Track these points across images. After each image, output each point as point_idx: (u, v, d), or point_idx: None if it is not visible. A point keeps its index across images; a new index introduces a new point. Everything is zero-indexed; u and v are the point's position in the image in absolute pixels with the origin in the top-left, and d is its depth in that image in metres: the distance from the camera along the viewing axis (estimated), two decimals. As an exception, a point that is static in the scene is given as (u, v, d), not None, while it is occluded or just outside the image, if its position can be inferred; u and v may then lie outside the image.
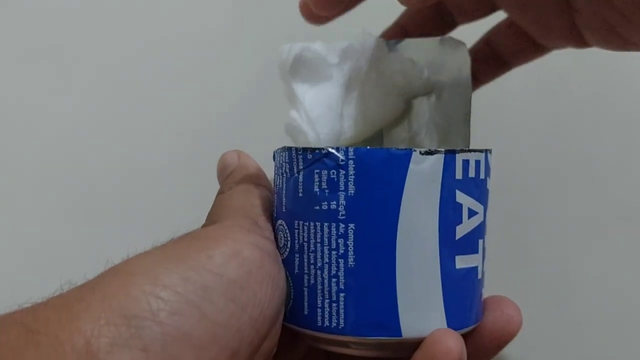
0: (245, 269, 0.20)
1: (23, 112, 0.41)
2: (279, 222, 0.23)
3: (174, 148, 0.42)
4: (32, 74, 0.41)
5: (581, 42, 0.28)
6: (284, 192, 0.22)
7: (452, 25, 0.32)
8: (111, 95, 0.42)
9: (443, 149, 0.21)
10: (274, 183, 0.23)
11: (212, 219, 0.23)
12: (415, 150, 0.21)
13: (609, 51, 0.27)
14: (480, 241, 0.23)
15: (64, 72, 0.41)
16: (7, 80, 0.41)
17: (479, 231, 0.22)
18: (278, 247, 0.22)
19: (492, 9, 0.30)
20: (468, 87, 0.27)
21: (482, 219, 0.23)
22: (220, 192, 0.25)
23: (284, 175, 0.22)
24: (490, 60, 0.31)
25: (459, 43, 0.28)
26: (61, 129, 0.41)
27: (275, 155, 0.23)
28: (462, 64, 0.27)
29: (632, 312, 0.42)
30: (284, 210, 0.22)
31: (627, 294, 0.42)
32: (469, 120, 0.27)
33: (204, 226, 0.23)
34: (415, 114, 0.28)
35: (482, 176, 0.22)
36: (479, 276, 0.23)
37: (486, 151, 0.23)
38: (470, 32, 0.31)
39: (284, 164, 0.22)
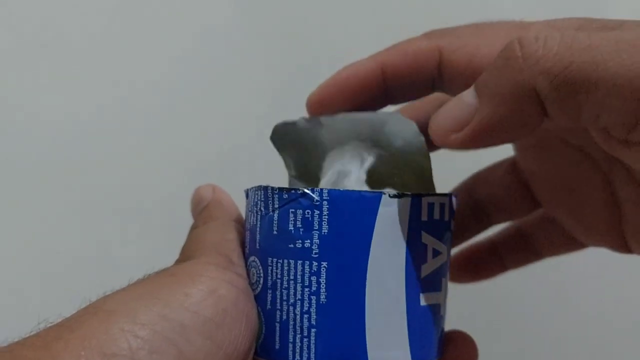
0: (221, 307, 0.20)
1: (23, 111, 0.41)
2: (252, 258, 0.23)
3: (175, 148, 0.42)
4: (32, 73, 0.41)
5: (625, 249, 0.26)
6: (257, 229, 0.23)
7: (487, 225, 0.30)
8: (112, 95, 0.42)
9: (410, 193, 0.22)
10: (247, 220, 0.24)
11: (187, 254, 0.23)
12: (385, 193, 0.22)
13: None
14: (443, 279, 0.24)
15: (64, 72, 0.41)
16: (7, 80, 0.40)
17: (442, 270, 0.24)
18: (250, 283, 0.23)
19: (533, 207, 0.29)
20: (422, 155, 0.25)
21: (445, 258, 0.24)
22: (194, 227, 0.25)
23: (259, 213, 0.23)
24: (520, 249, 0.29)
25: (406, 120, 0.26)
26: (61, 129, 0.41)
27: (249, 193, 0.24)
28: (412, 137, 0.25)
29: (631, 312, 0.44)
30: (258, 247, 0.23)
31: (626, 294, 0.44)
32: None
33: (178, 261, 0.23)
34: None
35: (446, 218, 0.24)
36: (441, 313, 0.24)
37: (450, 195, 0.24)
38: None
39: (259, 202, 0.23)
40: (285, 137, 0.26)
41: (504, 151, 0.29)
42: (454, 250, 0.30)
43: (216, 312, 0.20)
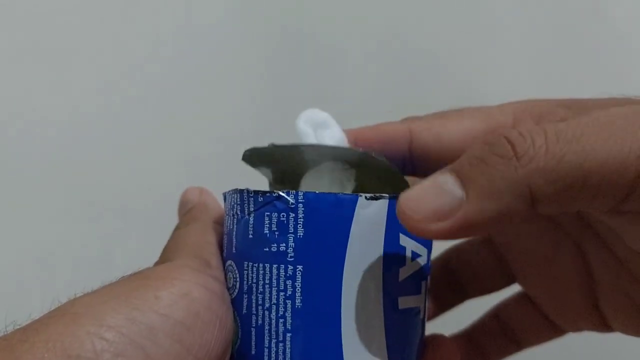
0: (193, 310, 0.20)
1: (23, 111, 0.41)
2: (229, 262, 0.23)
3: (176, 147, 0.42)
4: (32, 73, 0.41)
5: (602, 324, 0.26)
6: (234, 233, 0.23)
7: (463, 297, 0.30)
8: (117, 95, 0.42)
9: (387, 195, 0.22)
10: (225, 224, 0.24)
11: (166, 255, 0.23)
12: (361, 195, 0.22)
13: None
14: (423, 282, 0.24)
15: (65, 72, 0.41)
16: (7, 80, 0.41)
17: (422, 273, 0.23)
18: (227, 288, 0.23)
19: (508, 282, 0.29)
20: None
21: (425, 261, 0.24)
22: (177, 228, 0.25)
23: (235, 216, 0.23)
24: (499, 338, 0.29)
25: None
26: (61, 129, 0.41)
27: (227, 196, 0.24)
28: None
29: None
30: (234, 251, 0.23)
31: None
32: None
33: (156, 263, 0.23)
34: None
35: (425, 220, 0.24)
36: (421, 316, 0.24)
37: None
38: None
39: (235, 205, 0.23)
40: (257, 159, 0.26)
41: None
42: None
43: (187, 315, 0.20)
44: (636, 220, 0.20)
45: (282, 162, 0.26)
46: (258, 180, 0.28)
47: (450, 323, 0.30)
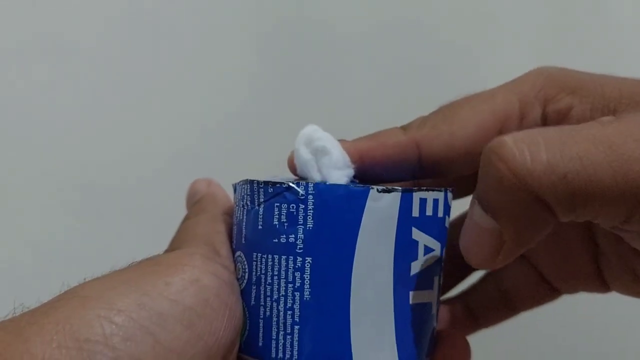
0: (203, 297, 0.20)
1: (23, 109, 0.41)
2: (238, 253, 0.23)
3: (176, 145, 0.42)
4: (32, 70, 0.41)
5: (603, 286, 0.26)
6: (244, 224, 0.23)
7: (467, 271, 0.29)
8: (113, 92, 0.42)
9: (400, 188, 0.22)
10: (234, 215, 0.24)
11: (175, 245, 0.23)
12: (372, 188, 0.21)
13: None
14: (436, 278, 0.23)
15: (65, 69, 0.42)
16: (6, 78, 0.41)
17: (434, 268, 0.23)
18: (237, 278, 0.23)
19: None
20: None
21: (438, 255, 0.23)
22: (186, 218, 0.25)
23: (245, 207, 0.23)
24: (494, 301, 0.29)
25: None
26: (61, 127, 0.41)
27: (237, 187, 0.24)
28: None
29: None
30: (243, 242, 0.23)
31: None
32: None
33: (166, 252, 0.23)
34: None
35: (440, 214, 0.23)
36: (433, 312, 0.23)
37: (446, 190, 0.23)
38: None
39: (245, 196, 0.23)
40: None
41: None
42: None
43: (197, 302, 0.20)
44: (638, 237, 0.20)
45: None
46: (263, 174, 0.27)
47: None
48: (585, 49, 0.31)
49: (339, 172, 0.24)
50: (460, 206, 0.25)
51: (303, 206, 0.21)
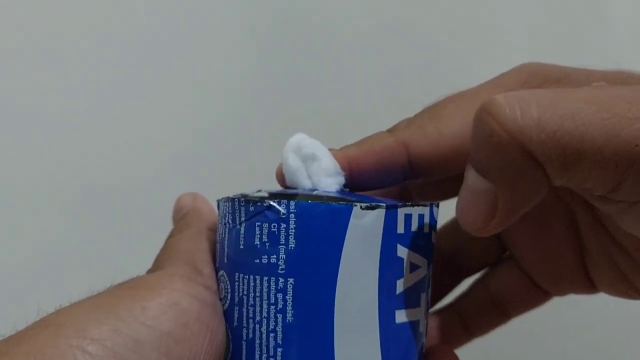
0: (181, 321, 0.19)
1: (24, 110, 0.41)
2: (221, 272, 0.22)
3: (175, 146, 0.42)
4: (32, 71, 0.41)
5: (590, 287, 0.26)
6: (226, 242, 0.22)
7: (459, 278, 0.29)
8: (112, 93, 0.42)
9: (384, 204, 0.21)
10: (217, 232, 0.23)
11: (158, 263, 0.23)
12: (356, 205, 0.21)
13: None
14: (423, 295, 0.23)
15: (64, 70, 0.41)
16: (7, 78, 0.41)
17: (421, 285, 0.23)
18: (220, 298, 0.22)
19: (500, 253, 0.29)
20: None
21: (425, 272, 0.23)
22: (170, 235, 0.25)
23: (227, 225, 0.22)
24: (486, 308, 0.28)
25: None
26: (61, 128, 0.41)
27: (220, 204, 0.23)
28: None
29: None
30: (226, 261, 0.22)
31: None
32: None
33: (149, 271, 0.23)
34: None
35: (425, 230, 0.23)
36: (420, 329, 0.23)
37: (431, 205, 0.23)
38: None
39: (227, 214, 0.22)
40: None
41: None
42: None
43: (175, 327, 0.19)
44: (627, 210, 0.20)
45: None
46: (259, 183, 0.27)
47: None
48: (583, 51, 0.31)
49: (330, 179, 0.24)
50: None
51: (285, 225, 0.21)
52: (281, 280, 0.21)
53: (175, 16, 0.43)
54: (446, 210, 0.26)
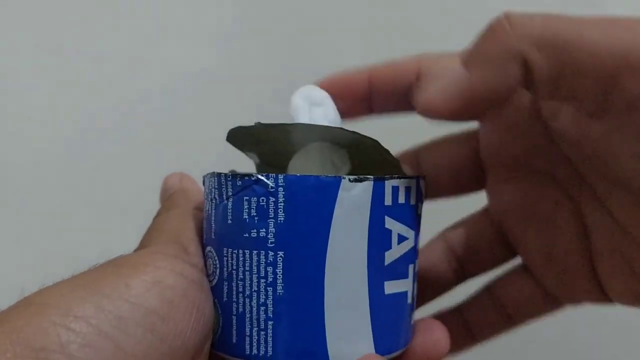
0: (167, 298, 0.19)
1: (26, 110, 0.40)
2: (208, 248, 0.22)
3: (180, 146, 0.42)
4: (36, 70, 0.40)
5: (600, 291, 0.26)
6: (212, 218, 0.22)
7: (462, 277, 0.29)
8: (117, 93, 0.41)
9: (372, 176, 0.21)
10: (204, 209, 0.23)
11: (145, 243, 0.23)
12: (344, 178, 0.21)
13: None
14: (411, 266, 0.23)
15: (68, 70, 0.41)
16: (7, 79, 0.40)
17: (409, 256, 0.23)
18: (207, 274, 0.22)
19: (507, 256, 0.28)
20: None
21: (412, 244, 0.23)
22: (156, 215, 0.24)
23: (213, 201, 0.22)
24: (492, 314, 0.28)
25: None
26: (63, 128, 0.41)
27: (205, 180, 0.23)
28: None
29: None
30: (213, 237, 0.22)
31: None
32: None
33: (135, 250, 0.22)
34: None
35: (412, 202, 0.23)
36: (409, 301, 0.23)
37: (418, 177, 0.23)
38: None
39: (213, 189, 0.22)
40: (243, 139, 0.25)
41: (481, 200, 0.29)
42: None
43: (160, 304, 0.19)
44: (621, 127, 0.21)
45: (269, 142, 0.25)
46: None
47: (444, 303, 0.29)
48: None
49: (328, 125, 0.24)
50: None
51: (273, 199, 0.21)
52: (271, 253, 0.21)
53: (181, 20, 0.42)
54: (458, 210, 0.27)
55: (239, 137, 0.25)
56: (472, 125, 0.27)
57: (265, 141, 0.25)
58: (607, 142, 0.22)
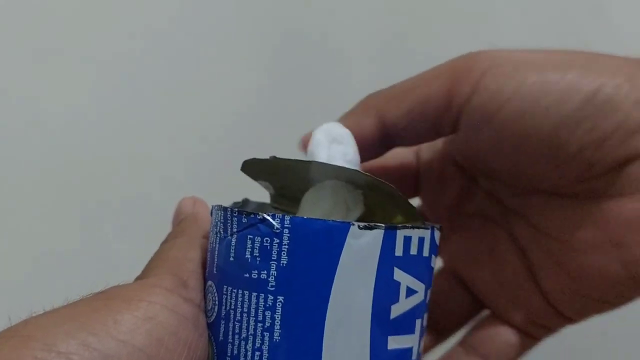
0: (156, 336, 0.19)
1: (28, 111, 0.40)
2: (209, 283, 0.21)
3: (181, 148, 0.42)
4: (36, 72, 0.40)
5: (553, 311, 0.26)
6: (216, 252, 0.21)
7: (440, 337, 0.29)
8: (117, 95, 0.41)
9: (384, 224, 0.20)
10: (209, 241, 0.22)
11: (146, 271, 0.22)
12: (353, 224, 0.20)
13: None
14: (418, 321, 0.22)
15: (69, 71, 0.41)
16: (11, 78, 0.40)
17: (417, 311, 0.22)
18: (206, 309, 0.21)
19: (476, 308, 0.29)
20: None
21: (422, 298, 0.22)
22: (164, 241, 0.24)
23: (218, 235, 0.21)
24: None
25: None
26: (65, 129, 0.41)
27: (212, 211, 0.22)
28: None
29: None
30: (215, 272, 0.21)
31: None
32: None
33: (137, 278, 0.22)
34: None
35: (425, 254, 0.22)
36: (413, 357, 0.22)
37: (432, 227, 0.22)
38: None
39: (219, 222, 0.21)
40: (257, 170, 0.24)
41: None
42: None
43: (149, 342, 0.18)
44: (468, 138, 0.23)
45: (283, 176, 0.24)
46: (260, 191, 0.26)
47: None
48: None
49: (347, 164, 0.24)
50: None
51: (277, 240, 0.20)
52: (270, 297, 0.20)
53: (182, 20, 0.42)
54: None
55: (253, 168, 0.24)
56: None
57: (280, 174, 0.24)
58: (487, 160, 0.24)
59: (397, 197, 0.22)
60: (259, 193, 0.26)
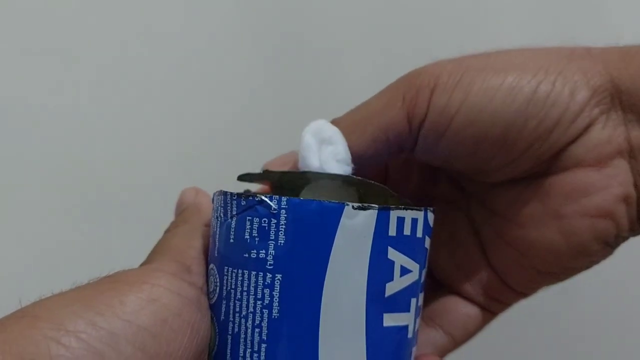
0: (160, 317, 0.19)
1: (27, 110, 0.41)
2: (211, 265, 0.22)
3: (180, 147, 0.42)
4: (36, 72, 0.41)
5: (505, 286, 0.27)
6: (217, 236, 0.22)
7: None
8: (117, 94, 0.42)
9: (377, 205, 0.21)
10: (211, 226, 0.23)
11: (150, 258, 0.23)
12: (347, 205, 0.21)
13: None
14: (414, 300, 0.22)
15: (69, 71, 0.42)
16: (11, 78, 0.41)
17: (412, 289, 0.22)
18: (208, 292, 0.22)
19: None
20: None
21: (416, 277, 0.22)
22: (167, 230, 0.25)
23: (219, 219, 0.22)
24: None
25: None
26: (65, 128, 0.41)
27: (214, 198, 0.23)
28: None
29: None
30: (216, 255, 0.22)
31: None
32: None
33: (141, 265, 0.23)
34: None
35: (418, 234, 0.22)
36: (409, 335, 0.22)
37: (425, 209, 0.23)
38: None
39: (219, 207, 0.22)
40: (252, 180, 0.26)
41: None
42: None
43: (153, 322, 0.19)
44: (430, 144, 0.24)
45: (278, 185, 0.25)
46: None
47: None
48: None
49: (338, 165, 0.24)
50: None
51: (275, 221, 0.21)
52: (269, 275, 0.21)
53: (181, 21, 0.43)
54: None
55: (248, 179, 0.25)
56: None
57: (274, 182, 0.25)
58: (446, 162, 0.25)
59: (388, 194, 0.23)
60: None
